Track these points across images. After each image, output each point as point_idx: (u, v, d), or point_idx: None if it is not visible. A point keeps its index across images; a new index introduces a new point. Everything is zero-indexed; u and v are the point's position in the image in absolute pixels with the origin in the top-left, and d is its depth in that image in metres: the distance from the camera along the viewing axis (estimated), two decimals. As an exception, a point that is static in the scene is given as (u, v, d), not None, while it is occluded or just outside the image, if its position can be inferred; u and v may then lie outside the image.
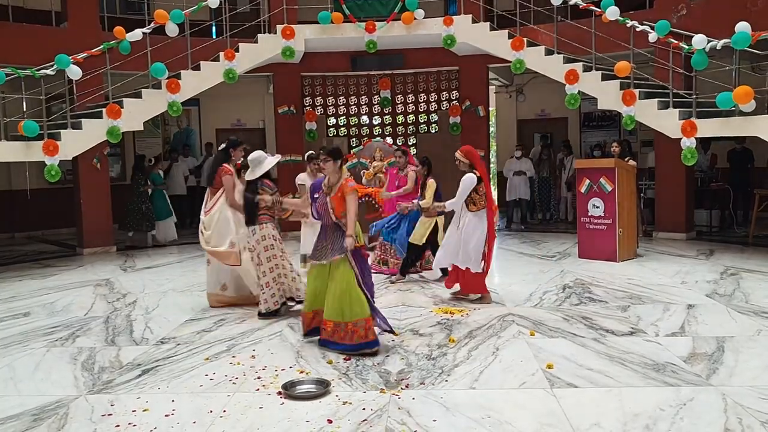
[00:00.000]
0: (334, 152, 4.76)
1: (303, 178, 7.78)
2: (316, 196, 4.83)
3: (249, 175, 5.62)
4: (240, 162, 6.70)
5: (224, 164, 6.11)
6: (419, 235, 7.08)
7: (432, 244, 7.14)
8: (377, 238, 7.91)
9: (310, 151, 8.22)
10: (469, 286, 6.21)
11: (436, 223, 7.13)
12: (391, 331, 4.94)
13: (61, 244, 11.06)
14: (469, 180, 5.93)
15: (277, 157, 5.79)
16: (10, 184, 12.07)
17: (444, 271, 7.25)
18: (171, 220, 10.84)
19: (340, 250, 4.62)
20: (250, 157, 5.62)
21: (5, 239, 12.02)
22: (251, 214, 5.61)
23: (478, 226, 6.00)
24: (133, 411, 3.73)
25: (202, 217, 6.19)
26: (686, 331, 5.04)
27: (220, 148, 6.39)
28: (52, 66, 7.94)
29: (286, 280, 5.77)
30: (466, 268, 6.09)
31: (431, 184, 7.04)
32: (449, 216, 6.56)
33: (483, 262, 6.03)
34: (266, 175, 5.66)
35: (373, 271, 7.31)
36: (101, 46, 8.50)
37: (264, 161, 5.59)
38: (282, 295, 5.78)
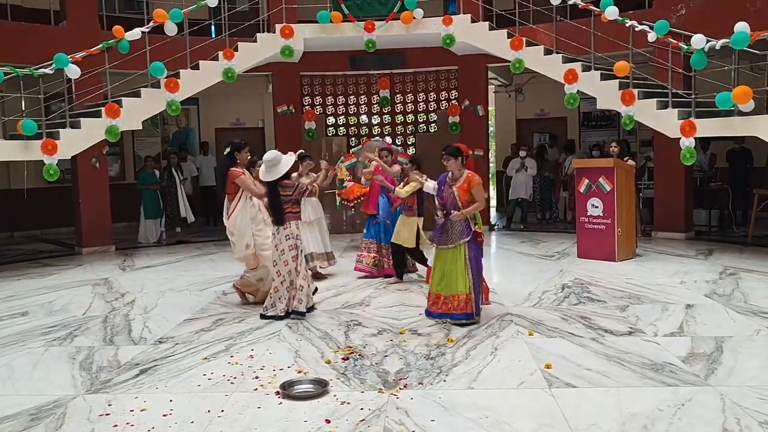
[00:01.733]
0: (454, 151, 5.35)
1: (294, 178, 7.69)
2: (441, 188, 5.41)
3: (266, 176, 5.56)
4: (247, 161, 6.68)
5: (231, 168, 6.07)
6: (404, 236, 6.93)
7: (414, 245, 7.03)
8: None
9: (300, 150, 8.17)
10: None
11: (418, 225, 7.03)
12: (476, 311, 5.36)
13: (60, 244, 11.07)
14: None
15: (293, 156, 5.76)
16: (9, 183, 12.06)
17: (400, 273, 7.23)
18: (158, 221, 10.97)
19: (464, 235, 5.26)
20: (266, 157, 5.58)
21: (4, 238, 12.02)
22: (279, 214, 5.59)
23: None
24: (130, 411, 3.73)
25: (225, 222, 6.21)
26: (685, 331, 5.04)
27: (225, 153, 6.29)
28: (51, 65, 7.92)
29: (292, 291, 5.66)
30: None
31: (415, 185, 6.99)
32: (429, 218, 6.63)
33: None
34: (285, 174, 5.60)
35: (365, 274, 7.33)
36: (100, 45, 8.48)
37: (281, 162, 5.56)
38: (287, 305, 5.67)
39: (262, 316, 5.66)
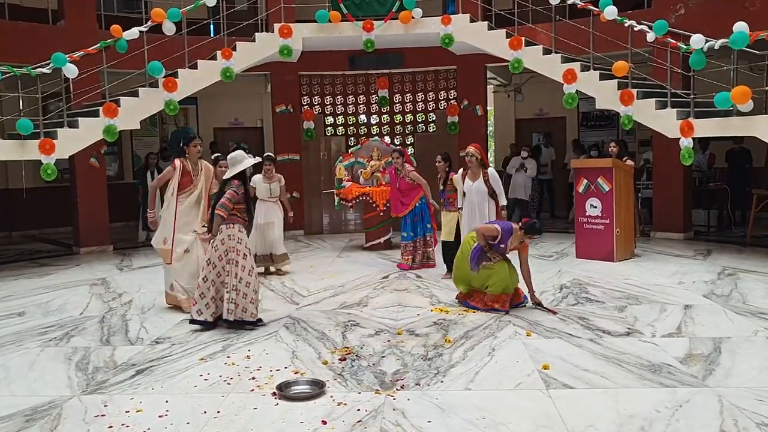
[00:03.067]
0: (533, 228, 5.99)
1: (256, 181, 7.59)
2: (501, 246, 5.90)
3: (228, 174, 5.49)
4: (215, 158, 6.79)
5: (177, 159, 6.09)
6: (447, 231, 7.24)
7: (456, 238, 7.15)
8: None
9: (267, 153, 8.14)
10: None
11: (458, 218, 7.12)
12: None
13: (58, 243, 11.05)
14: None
15: (257, 159, 5.71)
16: (7, 183, 12.05)
17: (450, 267, 7.25)
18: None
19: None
20: (230, 155, 5.51)
21: (2, 238, 12.01)
22: (212, 214, 5.40)
23: None
24: (126, 412, 3.71)
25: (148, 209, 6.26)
26: (683, 332, 5.03)
27: (178, 146, 6.41)
28: (49, 64, 7.90)
29: (231, 292, 5.29)
30: None
31: (458, 179, 7.06)
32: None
33: None
34: (242, 175, 5.40)
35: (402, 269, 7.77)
36: (98, 45, 8.45)
37: (242, 161, 5.43)
38: (215, 312, 5.38)
39: (192, 322, 5.39)
